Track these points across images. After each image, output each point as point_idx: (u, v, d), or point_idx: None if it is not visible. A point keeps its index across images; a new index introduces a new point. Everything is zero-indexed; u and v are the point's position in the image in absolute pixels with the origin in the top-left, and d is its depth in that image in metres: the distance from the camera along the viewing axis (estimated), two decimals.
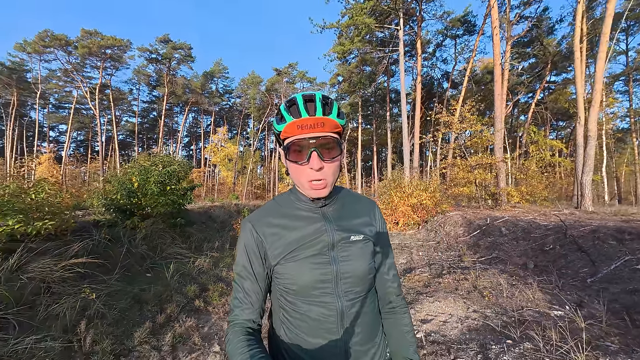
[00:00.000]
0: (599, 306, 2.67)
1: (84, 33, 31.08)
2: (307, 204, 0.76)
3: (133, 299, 3.28)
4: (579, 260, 3.62)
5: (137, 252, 4.31)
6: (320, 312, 0.71)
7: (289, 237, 0.73)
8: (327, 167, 0.68)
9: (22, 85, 34.72)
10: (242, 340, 0.66)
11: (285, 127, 0.67)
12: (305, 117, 0.65)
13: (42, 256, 2.99)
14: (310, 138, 0.66)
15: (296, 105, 0.67)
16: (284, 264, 0.72)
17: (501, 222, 6.21)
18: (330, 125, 0.67)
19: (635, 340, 2.13)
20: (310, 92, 0.70)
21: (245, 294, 0.73)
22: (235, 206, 10.70)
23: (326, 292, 0.71)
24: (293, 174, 0.72)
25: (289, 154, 0.69)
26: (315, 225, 0.74)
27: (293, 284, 0.71)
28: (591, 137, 10.10)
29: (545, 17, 22.58)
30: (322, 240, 0.73)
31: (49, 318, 2.54)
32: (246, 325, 0.71)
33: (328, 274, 0.71)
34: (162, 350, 2.50)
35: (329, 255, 0.72)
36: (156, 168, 5.39)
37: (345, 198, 0.83)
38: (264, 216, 0.77)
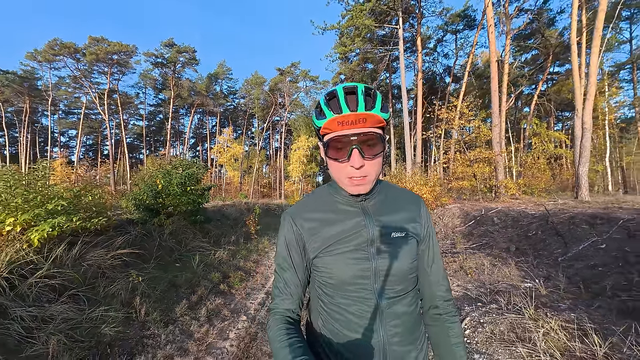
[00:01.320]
0: (563, 279, 3.17)
1: (91, 40, 31.91)
2: (347, 198, 0.75)
3: (169, 283, 3.87)
4: (555, 243, 4.10)
5: (166, 245, 4.91)
6: (357, 308, 0.70)
7: (327, 231, 0.72)
8: (368, 164, 0.66)
9: (33, 92, 35.88)
10: (281, 328, 0.67)
11: (325, 124, 0.65)
12: (346, 112, 0.62)
13: (94, 248, 3.60)
14: (352, 135, 0.64)
15: (336, 99, 0.64)
16: (322, 257, 0.72)
17: (494, 212, 6.67)
18: (372, 120, 0.64)
19: (583, 302, 2.63)
20: (352, 84, 0.66)
21: (285, 285, 0.74)
22: (246, 204, 11.32)
23: (364, 287, 0.70)
24: (333, 170, 0.71)
25: (329, 151, 0.68)
26: (355, 219, 0.73)
27: (330, 277, 0.71)
28: (586, 130, 10.39)
29: (545, 9, 22.54)
30: (361, 235, 0.71)
31: (107, 296, 3.13)
32: (286, 315, 0.72)
33: (366, 270, 0.70)
34: (200, 320, 3.08)
35: (368, 251, 0.71)
36: (177, 171, 5.99)
37: (387, 192, 0.80)
38: (303, 209, 0.78)
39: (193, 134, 49.92)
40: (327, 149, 0.68)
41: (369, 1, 14.76)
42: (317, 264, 0.73)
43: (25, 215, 2.77)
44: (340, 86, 0.65)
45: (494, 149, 10.95)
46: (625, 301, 2.52)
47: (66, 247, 3.21)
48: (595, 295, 2.75)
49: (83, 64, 32.66)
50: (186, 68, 36.62)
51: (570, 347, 1.88)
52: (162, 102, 41.34)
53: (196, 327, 2.91)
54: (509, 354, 1.93)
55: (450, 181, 11.63)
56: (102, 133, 44.34)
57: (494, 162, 11.06)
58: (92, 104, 36.62)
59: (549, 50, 23.14)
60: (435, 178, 10.09)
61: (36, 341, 2.27)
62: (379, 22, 16.20)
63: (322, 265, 0.72)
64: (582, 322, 2.19)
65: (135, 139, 47.88)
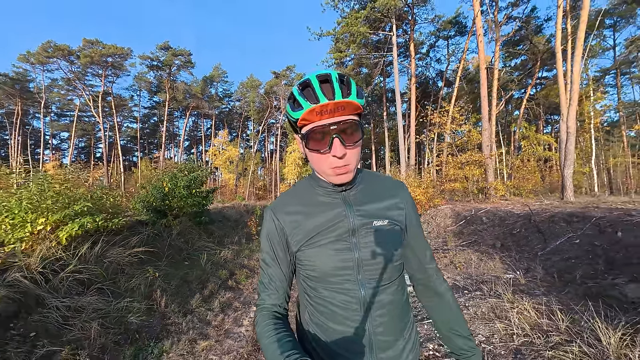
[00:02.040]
0: (541, 270, 3.55)
1: (86, 42, 31.80)
2: (327, 189, 0.75)
3: (181, 279, 4.15)
4: (536, 239, 4.50)
5: (175, 244, 5.18)
6: (342, 299, 0.70)
7: (308, 224, 0.72)
8: (350, 153, 0.65)
9: (25, 95, 35.48)
10: (269, 324, 0.68)
11: (303, 115, 0.63)
12: (324, 102, 0.61)
13: (113, 246, 3.86)
14: (331, 124, 0.63)
15: (311, 88, 0.63)
16: (305, 250, 0.72)
17: (483, 212, 7.09)
18: (351, 108, 0.63)
19: (556, 289, 3.00)
20: (325, 72, 0.65)
21: (270, 280, 0.74)
22: (244, 207, 11.57)
23: (347, 279, 0.70)
24: (314, 162, 0.70)
25: (309, 143, 0.66)
26: (335, 210, 0.73)
27: (313, 270, 0.71)
28: (570, 134, 10.95)
29: (533, 17, 23.34)
30: (341, 225, 0.71)
31: (128, 290, 3.40)
32: (273, 310, 0.72)
33: (348, 260, 0.70)
34: (214, 310, 3.37)
35: (350, 242, 0.70)
36: (182, 174, 6.26)
37: (367, 180, 0.80)
38: (284, 203, 0.77)
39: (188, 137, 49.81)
40: (307, 140, 0.66)
41: (364, 9, 15.24)
42: (300, 257, 0.73)
43: (55, 215, 3.04)
44: (313, 74, 0.64)
45: (483, 152, 11.44)
46: (590, 287, 2.90)
47: (89, 245, 3.47)
48: (567, 283, 3.13)
49: (77, 66, 32.49)
50: (181, 71, 36.74)
51: (539, 322, 2.24)
52: (157, 105, 41.28)
53: (212, 317, 3.20)
54: (489, 329, 2.28)
55: (443, 183, 12.08)
56: (95, 135, 44.03)
57: (484, 165, 11.56)
58: (85, 106, 36.42)
59: (537, 56, 23.98)
60: (428, 180, 10.51)
61: (72, 327, 2.54)
62: (373, 28, 16.69)
63: (305, 258, 0.72)
64: (551, 304, 2.56)
65: (129, 141, 47.59)
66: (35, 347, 2.24)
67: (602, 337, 1.86)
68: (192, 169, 6.48)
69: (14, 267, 2.76)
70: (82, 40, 31.85)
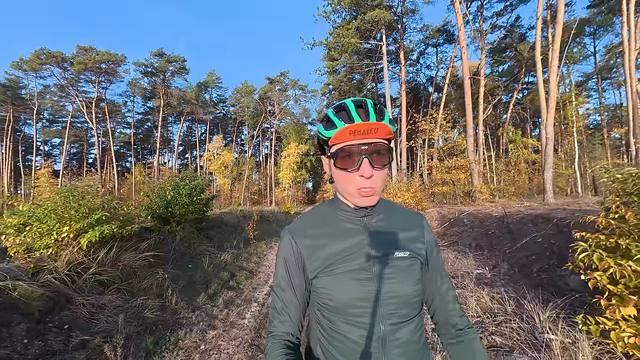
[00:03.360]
0: (506, 265, 4.06)
1: (79, 49, 31.87)
2: (348, 215, 0.73)
3: (187, 280, 4.55)
4: (506, 239, 5.03)
5: (178, 249, 5.56)
6: (359, 334, 0.66)
7: (327, 250, 0.70)
8: (377, 175, 0.65)
9: (16, 101, 35.26)
10: (280, 353, 0.65)
11: (336, 133, 0.64)
12: (358, 122, 0.62)
13: (125, 251, 4.25)
14: (362, 144, 0.64)
15: (346, 111, 0.65)
16: (322, 277, 0.69)
17: (465, 215, 7.63)
18: (383, 131, 0.64)
19: (514, 281, 3.51)
20: (360, 98, 0.67)
21: (283, 306, 0.71)
22: (241, 212, 11.96)
23: (366, 312, 0.66)
24: (340, 181, 0.69)
25: (337, 161, 0.66)
26: (357, 237, 0.71)
27: (330, 299, 0.68)
28: (549, 139, 11.63)
29: (517, 25, 24.31)
30: (363, 254, 0.69)
31: (141, 290, 3.80)
32: (285, 338, 0.69)
33: (369, 292, 0.66)
34: (219, 307, 3.79)
35: (371, 271, 0.67)
36: (183, 182, 6.66)
37: (387, 209, 0.78)
38: (303, 226, 0.76)
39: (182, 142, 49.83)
40: (336, 159, 0.66)
41: (355, 19, 15.88)
42: (316, 284, 0.70)
43: (78, 224, 3.43)
44: (350, 100, 0.67)
45: (468, 157, 12.07)
46: (542, 279, 3.41)
47: (106, 250, 3.87)
48: (525, 276, 3.64)
49: (70, 73, 32.49)
50: (175, 77, 37.00)
51: (491, 307, 2.73)
52: (151, 110, 41.33)
53: (218, 312, 3.62)
54: None
55: (430, 187, 12.66)
56: (88, 141, 43.84)
57: (469, 169, 12.18)
58: (77, 113, 36.36)
59: (522, 63, 24.99)
60: (417, 185, 11.06)
61: (98, 321, 2.94)
62: (363, 38, 17.35)
63: (322, 286, 0.69)
64: (507, 292, 3.05)
65: (122, 146, 47.41)
66: (70, 337, 2.64)
67: (536, 317, 2.35)
68: (193, 177, 6.89)
69: (44, 270, 3.15)
70: (76, 47, 31.91)
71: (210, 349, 2.75)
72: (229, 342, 2.86)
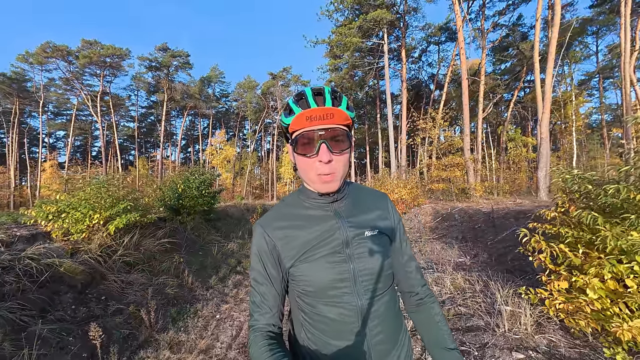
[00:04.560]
0: (485, 255, 4.54)
1: (84, 43, 32.19)
2: (317, 202, 0.76)
3: (199, 265, 5.06)
4: (490, 232, 5.49)
5: (189, 238, 6.07)
6: (339, 313, 0.70)
7: (301, 238, 0.72)
8: (337, 160, 0.67)
9: (22, 94, 35.74)
10: (264, 344, 0.67)
11: (294, 119, 0.66)
12: (314, 107, 0.65)
13: (144, 237, 4.76)
14: (319, 130, 0.65)
15: (305, 99, 0.67)
16: (299, 265, 0.71)
17: (457, 210, 8.09)
18: (339, 116, 0.66)
19: (490, 267, 3.99)
20: (319, 86, 0.68)
21: (262, 299, 0.73)
22: (244, 205, 12.47)
23: (344, 291, 0.70)
24: (301, 168, 0.71)
25: (297, 147, 0.68)
26: (328, 223, 0.73)
27: (309, 285, 0.71)
28: (543, 139, 12.02)
29: (519, 24, 24.41)
30: (335, 238, 0.72)
31: (161, 271, 4.30)
32: (267, 330, 0.71)
33: (345, 272, 0.70)
34: (229, 287, 4.30)
35: (345, 253, 0.71)
36: (193, 176, 7.15)
37: (355, 192, 0.81)
38: (274, 219, 0.77)
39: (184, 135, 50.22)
40: (296, 145, 0.68)
41: (357, 19, 16.16)
42: (294, 273, 0.72)
43: (107, 212, 3.92)
44: (308, 88, 0.68)
45: (465, 155, 12.47)
46: (514, 265, 3.88)
47: (130, 236, 4.37)
48: (500, 263, 4.12)
49: (75, 66, 32.85)
50: (179, 71, 37.28)
51: (463, 286, 3.21)
52: (154, 104, 41.70)
53: (228, 290, 4.13)
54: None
55: (428, 184, 13.09)
56: (92, 134, 44.39)
57: (465, 167, 12.59)
58: (82, 105, 36.81)
59: (523, 61, 25.14)
60: (413, 181, 11.51)
61: (128, 294, 3.45)
62: (365, 36, 17.62)
63: (300, 274, 0.71)
64: (480, 276, 3.53)
65: (125, 139, 47.91)
66: (107, 305, 3.15)
67: (497, 293, 2.83)
68: (202, 172, 7.38)
69: (81, 251, 3.66)
70: (81, 41, 32.23)
71: (224, 317, 3.26)
72: (240, 313, 3.37)
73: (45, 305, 2.73)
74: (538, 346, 2.09)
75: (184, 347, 2.61)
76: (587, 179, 2.44)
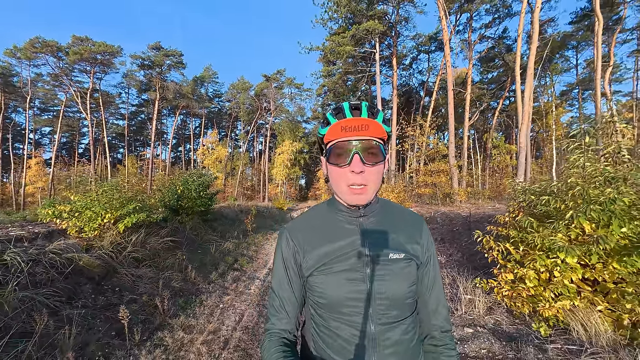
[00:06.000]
0: (459, 254, 5.10)
1: (75, 39, 31.76)
2: (344, 215, 0.74)
3: (199, 262, 5.45)
4: (465, 235, 6.08)
5: (189, 237, 6.44)
6: (350, 333, 0.68)
7: (322, 249, 0.71)
8: (369, 172, 0.66)
9: (8, 89, 34.91)
10: (278, 350, 0.67)
11: (329, 130, 0.67)
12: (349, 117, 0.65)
13: (149, 236, 5.12)
14: (354, 140, 0.65)
15: (342, 112, 0.67)
16: (316, 275, 0.70)
17: (440, 214, 8.71)
18: (375, 128, 0.65)
19: (462, 264, 4.55)
20: (357, 102, 0.70)
21: (281, 303, 0.73)
22: (238, 206, 12.83)
23: (357, 311, 0.68)
24: (333, 178, 0.70)
25: (330, 157, 0.68)
26: (351, 238, 0.72)
27: (323, 297, 0.70)
28: (521, 148, 12.83)
29: (504, 37, 25.56)
30: (356, 254, 0.70)
31: (165, 267, 4.69)
32: (282, 336, 0.72)
33: (360, 292, 0.68)
34: (228, 281, 4.71)
35: (363, 272, 0.68)
36: (191, 179, 7.51)
37: (386, 210, 0.79)
38: (301, 225, 0.78)
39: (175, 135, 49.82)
40: (329, 155, 0.68)
41: (350, 27, 16.77)
42: (311, 282, 0.72)
43: (117, 212, 4.29)
44: (347, 102, 0.69)
45: (449, 162, 13.18)
46: (482, 263, 4.45)
47: (137, 234, 4.74)
48: (470, 262, 4.68)
49: (65, 62, 32.36)
50: (172, 70, 37.15)
51: None
52: (145, 102, 41.34)
53: (228, 284, 4.55)
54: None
55: (414, 188, 13.75)
56: (80, 131, 43.64)
57: (450, 173, 13.31)
58: (70, 102, 36.22)
59: (508, 72, 26.32)
60: (401, 186, 12.11)
61: (139, 286, 3.83)
62: (358, 44, 18.26)
63: (316, 284, 0.70)
64: (451, 272, 4.07)
65: (114, 138, 47.22)
66: (122, 295, 3.53)
67: (460, 285, 3.36)
68: (199, 175, 7.75)
69: (94, 247, 4.02)
70: (72, 37, 31.79)
71: (227, 307, 3.69)
72: (241, 303, 3.80)
73: (70, 294, 3.11)
74: (486, 324, 2.63)
75: (195, 330, 3.03)
76: (531, 191, 3.01)
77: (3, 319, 2.35)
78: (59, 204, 4.22)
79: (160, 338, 2.81)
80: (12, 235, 3.68)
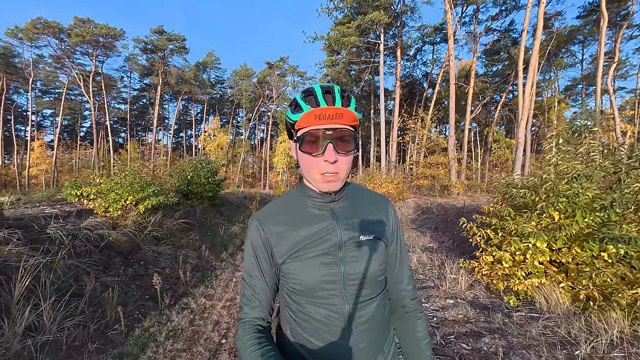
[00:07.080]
0: (450, 241, 5.55)
1: (77, 21, 31.45)
2: (315, 201, 0.76)
3: (210, 243, 5.90)
4: (458, 224, 6.51)
5: (200, 220, 6.88)
6: (325, 314, 0.70)
7: (295, 236, 0.72)
8: (342, 161, 0.67)
9: (9, 70, 34.76)
10: (252, 337, 0.68)
11: (302, 117, 0.66)
12: (324, 106, 0.64)
13: (165, 217, 5.55)
14: (327, 129, 0.66)
15: (314, 96, 0.66)
16: (290, 263, 0.71)
17: (436, 205, 9.13)
18: (348, 117, 0.66)
19: (452, 250, 4.99)
20: (328, 84, 0.68)
21: (253, 292, 0.74)
22: (242, 193, 13.27)
23: (332, 293, 0.70)
24: (305, 166, 0.71)
25: (303, 145, 0.68)
26: (323, 223, 0.73)
27: (298, 284, 0.71)
28: (519, 144, 13.12)
29: (511, 29, 25.33)
30: (329, 239, 0.71)
31: (180, 246, 5.14)
32: (256, 323, 0.72)
33: (335, 274, 0.70)
34: (238, 260, 5.17)
35: (336, 256, 0.71)
36: (200, 165, 7.89)
37: (355, 194, 0.81)
38: (270, 214, 0.77)
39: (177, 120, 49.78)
40: (302, 143, 0.68)
41: (356, 17, 16.74)
42: (284, 270, 0.73)
43: (139, 194, 4.69)
44: (317, 85, 0.68)
45: (448, 155, 13.51)
46: (469, 249, 4.89)
47: (155, 215, 5.17)
48: (460, 247, 5.12)
49: (67, 44, 32.11)
50: (174, 55, 36.86)
51: (425, 262, 4.18)
52: (147, 87, 41.19)
53: (238, 262, 5.01)
54: None
55: (413, 180, 14.14)
56: (82, 114, 43.65)
57: (449, 166, 13.67)
58: (72, 84, 36.15)
59: (512, 66, 26.20)
60: (400, 177, 12.50)
61: (160, 261, 4.28)
62: (363, 35, 18.23)
63: (290, 272, 0.72)
64: (441, 256, 4.51)
65: (116, 122, 47.24)
66: (147, 269, 3.98)
67: (447, 266, 3.80)
68: (208, 162, 8.13)
69: (119, 225, 4.44)
70: (73, 19, 31.48)
71: (239, 280, 4.14)
72: None
73: (105, 265, 3.55)
74: (466, 297, 3.07)
75: (214, 297, 3.48)
76: (513, 185, 3.40)
77: (56, 281, 2.79)
78: (84, 186, 4.62)
79: (185, 303, 3.26)
80: (47, 213, 4.10)
